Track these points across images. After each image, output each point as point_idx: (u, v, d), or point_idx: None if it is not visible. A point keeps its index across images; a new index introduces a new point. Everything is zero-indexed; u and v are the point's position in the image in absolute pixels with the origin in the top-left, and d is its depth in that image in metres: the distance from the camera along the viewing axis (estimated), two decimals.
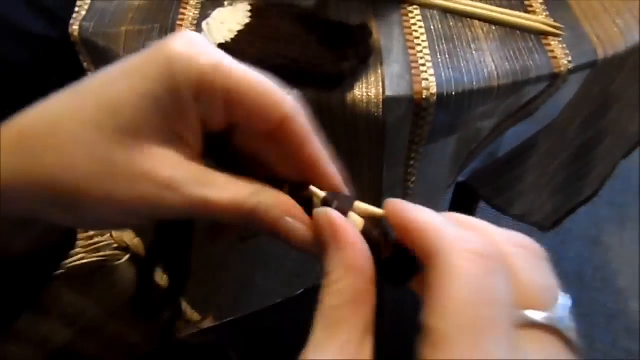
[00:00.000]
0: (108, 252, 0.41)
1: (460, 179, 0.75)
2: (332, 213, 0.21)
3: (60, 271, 0.32)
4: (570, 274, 1.25)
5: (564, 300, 0.19)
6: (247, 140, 0.24)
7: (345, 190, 0.24)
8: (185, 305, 0.56)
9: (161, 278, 0.52)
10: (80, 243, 0.38)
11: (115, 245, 0.42)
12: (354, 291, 0.19)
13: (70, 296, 0.42)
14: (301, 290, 0.52)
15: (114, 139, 0.21)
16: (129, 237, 0.43)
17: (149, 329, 0.53)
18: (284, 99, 0.23)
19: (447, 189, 0.67)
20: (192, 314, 0.58)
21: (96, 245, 0.40)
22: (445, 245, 0.18)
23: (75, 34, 0.56)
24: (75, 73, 0.70)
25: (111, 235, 0.42)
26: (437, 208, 0.21)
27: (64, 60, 0.79)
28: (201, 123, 0.23)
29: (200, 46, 0.22)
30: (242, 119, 0.23)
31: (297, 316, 0.50)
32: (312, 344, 0.18)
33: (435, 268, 0.18)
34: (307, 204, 0.23)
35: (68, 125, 0.21)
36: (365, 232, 0.21)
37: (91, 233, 0.40)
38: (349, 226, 0.20)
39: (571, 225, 1.30)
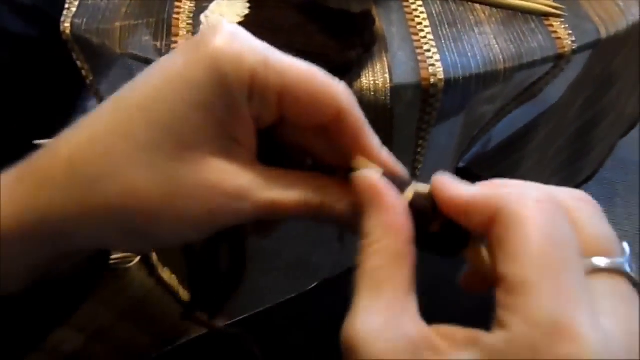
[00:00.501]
0: (119, 255, 0.40)
1: (460, 164, 0.75)
2: (373, 174, 0.21)
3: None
4: None
5: (627, 248, 0.19)
6: (295, 132, 0.24)
7: (403, 174, 0.23)
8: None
9: (169, 277, 0.51)
10: None
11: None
12: (394, 251, 0.19)
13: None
14: (315, 284, 0.51)
15: (174, 157, 0.20)
16: None
17: (159, 332, 0.53)
18: (338, 91, 0.22)
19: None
20: (200, 313, 0.57)
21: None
22: (507, 199, 0.18)
23: (67, 31, 0.54)
24: (59, 71, 0.68)
25: None
26: None
27: (46, 59, 0.77)
28: (254, 121, 0.22)
29: (245, 41, 0.21)
30: (294, 114, 0.22)
31: (314, 309, 0.49)
32: (357, 307, 0.18)
33: (502, 223, 0.18)
34: None
35: (122, 148, 0.20)
36: (413, 205, 0.21)
37: None
38: (389, 189, 0.20)
39: None
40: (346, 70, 0.46)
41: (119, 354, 0.51)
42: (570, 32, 0.50)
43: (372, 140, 0.23)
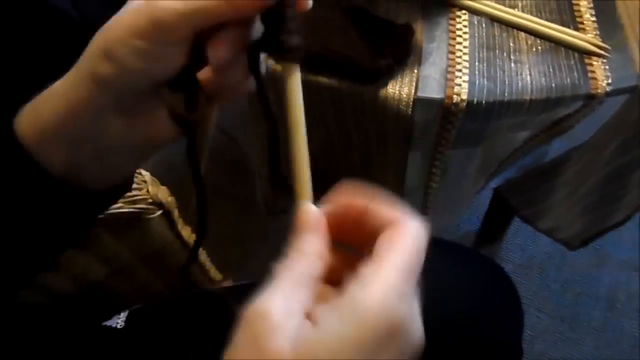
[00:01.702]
0: (143, 206, 0.46)
1: (492, 185, 0.75)
2: (312, 213, 0.27)
3: (101, 216, 0.36)
4: (601, 298, 1.22)
5: None
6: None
7: None
8: (209, 265, 0.61)
9: (189, 235, 0.57)
10: None
11: (150, 201, 0.47)
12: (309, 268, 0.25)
13: (107, 238, 0.47)
14: None
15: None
16: (163, 194, 0.48)
17: (173, 280, 0.59)
18: None
19: (473, 196, 0.68)
20: (215, 274, 0.63)
21: (133, 198, 0.45)
22: (406, 219, 0.25)
23: None
24: None
25: (148, 192, 0.46)
26: (461, 212, 0.26)
27: None
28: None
29: None
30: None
31: None
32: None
33: (399, 228, 0.24)
34: None
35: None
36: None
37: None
38: (319, 227, 0.27)
39: (611, 248, 1.27)
40: (374, 77, 0.49)
41: (135, 292, 0.58)
42: (609, 74, 0.50)
43: None
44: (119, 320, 0.73)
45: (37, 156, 0.28)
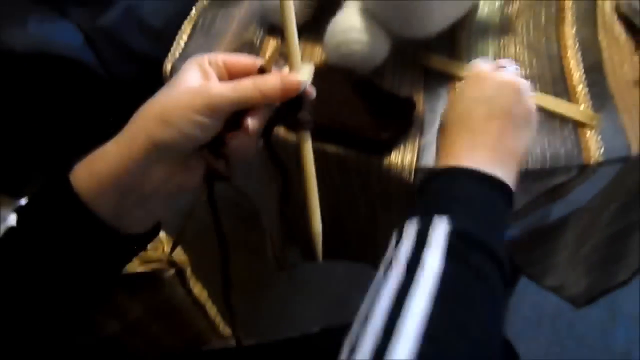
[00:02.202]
0: (158, 265, 0.49)
1: None
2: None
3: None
4: (616, 353, 1.20)
5: None
6: None
7: None
8: (218, 320, 0.63)
9: (200, 291, 0.59)
10: None
11: (165, 260, 0.50)
12: None
13: (122, 296, 0.50)
14: (319, 329, 0.56)
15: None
16: (178, 253, 0.51)
17: (185, 337, 0.61)
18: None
19: None
20: (223, 329, 0.65)
21: (149, 258, 0.48)
22: None
23: (167, 71, 0.66)
24: None
25: (163, 251, 0.49)
26: None
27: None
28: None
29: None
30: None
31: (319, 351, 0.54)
32: None
33: None
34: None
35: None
36: None
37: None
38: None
39: (623, 303, 1.26)
40: (377, 149, 0.52)
41: (149, 347, 0.60)
42: (601, 144, 0.52)
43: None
44: None
45: (92, 206, 0.34)
